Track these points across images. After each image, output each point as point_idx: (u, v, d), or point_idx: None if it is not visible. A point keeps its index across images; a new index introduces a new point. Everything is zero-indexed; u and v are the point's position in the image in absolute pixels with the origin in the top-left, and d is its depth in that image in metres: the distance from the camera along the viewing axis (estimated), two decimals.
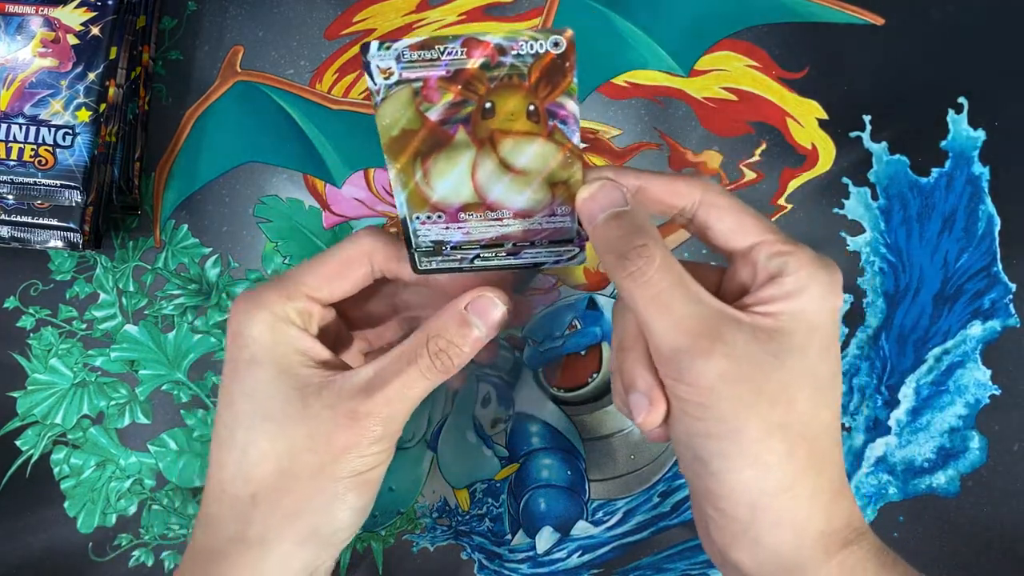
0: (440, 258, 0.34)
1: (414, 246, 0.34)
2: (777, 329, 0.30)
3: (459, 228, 0.33)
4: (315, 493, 0.32)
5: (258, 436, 0.32)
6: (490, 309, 0.33)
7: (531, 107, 0.31)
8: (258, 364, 0.33)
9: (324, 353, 0.34)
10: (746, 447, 0.30)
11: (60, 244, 0.44)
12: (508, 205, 0.32)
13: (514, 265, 0.35)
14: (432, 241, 0.34)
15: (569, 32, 0.29)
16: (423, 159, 0.32)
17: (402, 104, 0.30)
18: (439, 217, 0.33)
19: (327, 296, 0.35)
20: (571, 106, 0.30)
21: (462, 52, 0.30)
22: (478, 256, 0.34)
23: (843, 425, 0.46)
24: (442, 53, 0.30)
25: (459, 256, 0.34)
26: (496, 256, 0.34)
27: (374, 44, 0.29)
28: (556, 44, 0.29)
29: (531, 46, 0.29)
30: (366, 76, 0.30)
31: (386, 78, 0.30)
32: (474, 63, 0.30)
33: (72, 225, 0.44)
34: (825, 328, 0.31)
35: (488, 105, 0.31)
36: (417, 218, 0.33)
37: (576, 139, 0.31)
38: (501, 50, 0.30)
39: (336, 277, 0.35)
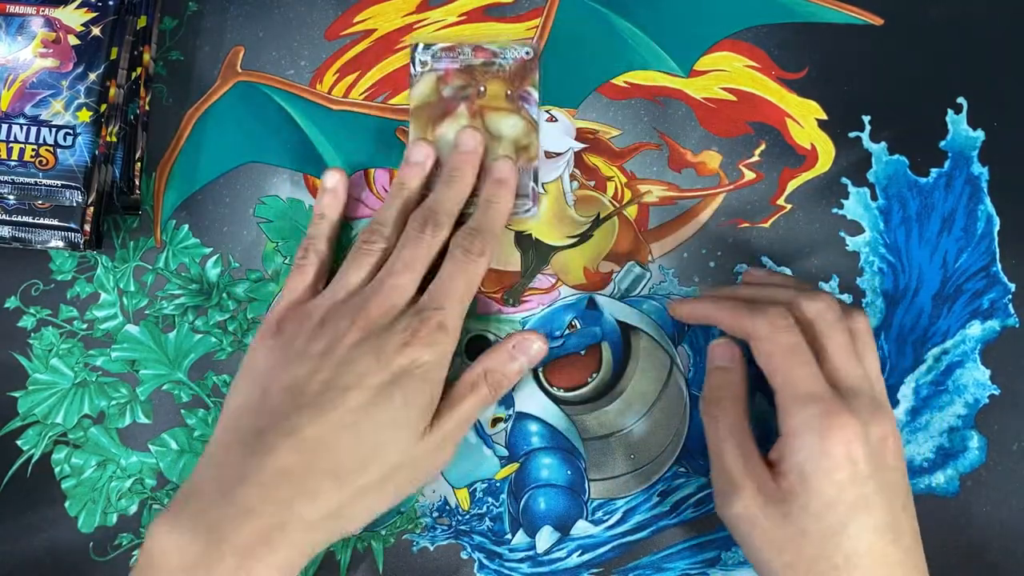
0: None
1: None
2: (788, 491, 0.38)
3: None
4: (387, 504, 0.40)
5: (397, 441, 0.39)
6: (531, 346, 0.43)
7: (508, 92, 0.47)
8: (430, 384, 0.40)
9: None
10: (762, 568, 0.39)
11: (61, 244, 0.45)
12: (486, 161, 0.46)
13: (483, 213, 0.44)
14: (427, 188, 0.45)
15: (540, 45, 0.47)
16: (434, 123, 0.46)
17: (429, 85, 0.47)
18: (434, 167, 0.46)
19: None
20: (534, 93, 0.47)
21: (472, 54, 0.47)
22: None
23: None
24: (460, 54, 0.47)
25: None
26: (471, 205, 0.45)
27: (420, 44, 0.47)
28: (528, 52, 0.47)
29: (514, 52, 0.47)
30: (410, 63, 0.47)
31: (422, 67, 0.47)
32: (478, 62, 0.47)
33: (73, 225, 0.44)
34: (822, 487, 0.37)
35: (482, 89, 0.47)
36: None
37: (535, 115, 0.47)
38: (495, 54, 0.47)
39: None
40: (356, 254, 0.43)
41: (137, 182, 0.47)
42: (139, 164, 0.47)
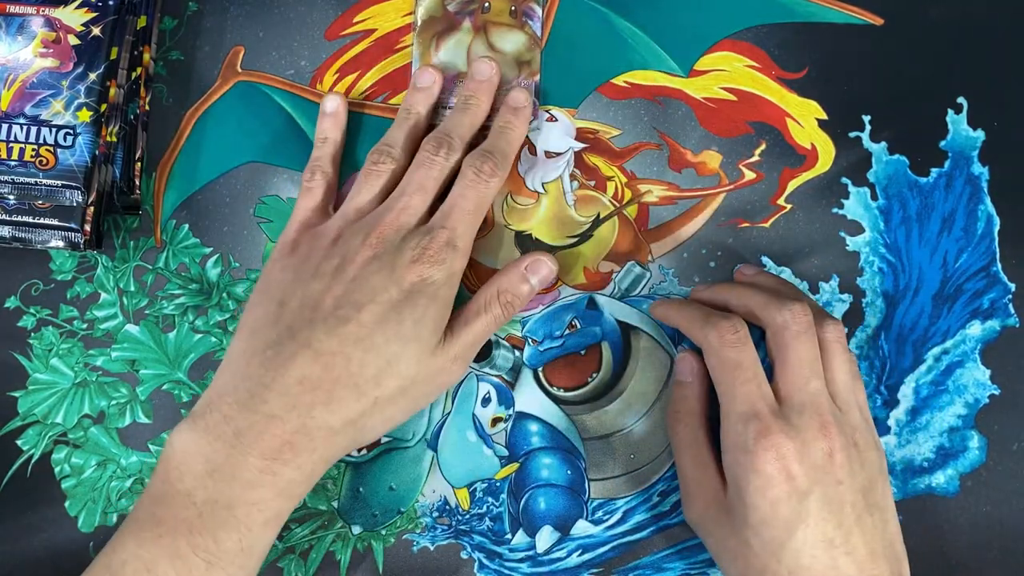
0: (433, 116, 0.46)
1: None
2: (729, 505, 0.40)
3: (451, 92, 0.47)
4: (406, 415, 0.42)
5: (410, 356, 0.40)
6: (542, 268, 0.44)
7: (512, 8, 0.47)
8: (440, 300, 0.40)
9: None
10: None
11: (61, 244, 0.45)
12: None
13: (485, 126, 0.46)
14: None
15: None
16: (438, 38, 0.47)
17: (434, 0, 0.48)
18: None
19: None
20: (537, 10, 0.48)
21: None
22: None
23: None
24: None
25: (447, 115, 0.46)
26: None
27: None
28: None
29: None
30: None
31: None
32: None
33: (73, 225, 0.44)
34: (755, 503, 0.38)
35: (487, 5, 0.47)
36: None
37: (538, 31, 0.47)
38: None
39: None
40: (366, 175, 0.44)
41: (137, 182, 0.47)
42: (139, 164, 0.47)
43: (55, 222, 0.44)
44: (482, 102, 0.45)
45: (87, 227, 0.44)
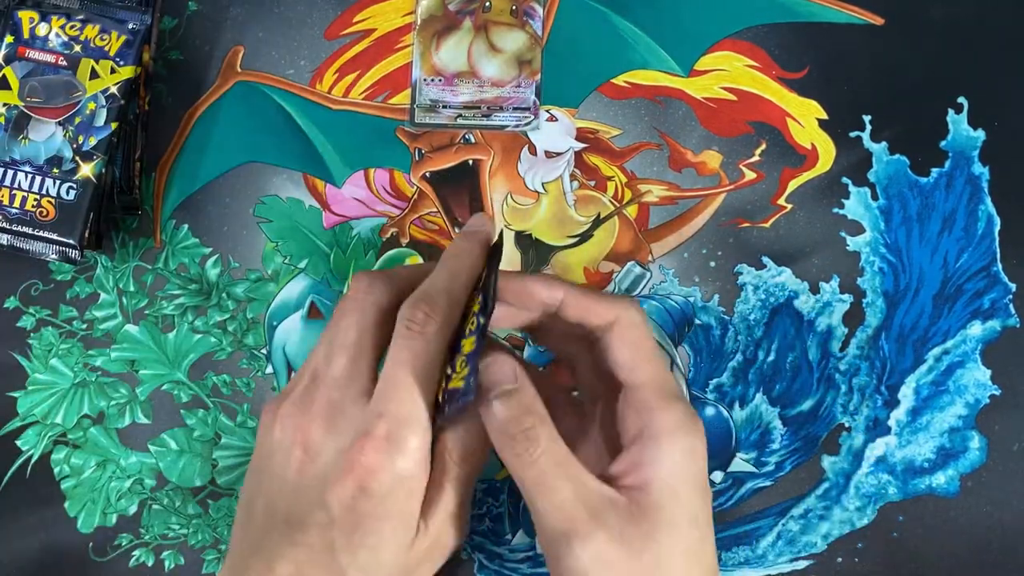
0: (433, 114, 0.47)
1: (417, 102, 0.47)
2: (649, 505, 0.31)
3: (452, 91, 0.47)
4: None
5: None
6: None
7: (513, 8, 0.48)
8: (388, 519, 0.32)
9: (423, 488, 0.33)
10: None
11: (55, 257, 0.44)
12: (489, 74, 0.47)
13: (485, 126, 0.47)
14: (431, 100, 0.47)
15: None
16: (439, 37, 0.47)
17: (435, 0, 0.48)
18: (439, 80, 0.47)
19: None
20: (539, 8, 0.48)
21: None
22: (460, 115, 0.47)
23: (843, 425, 0.46)
24: None
25: (447, 114, 0.47)
26: (474, 117, 0.47)
27: None
28: None
29: None
30: None
31: None
32: None
33: (71, 241, 0.44)
34: (691, 497, 0.32)
35: (488, 4, 0.48)
36: (424, 80, 0.47)
37: (539, 30, 0.47)
38: None
39: None
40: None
41: (137, 182, 0.47)
42: (139, 164, 0.47)
43: (54, 236, 0.44)
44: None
45: (84, 243, 0.44)
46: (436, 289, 0.34)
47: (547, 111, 0.48)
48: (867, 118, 0.48)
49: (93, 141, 0.44)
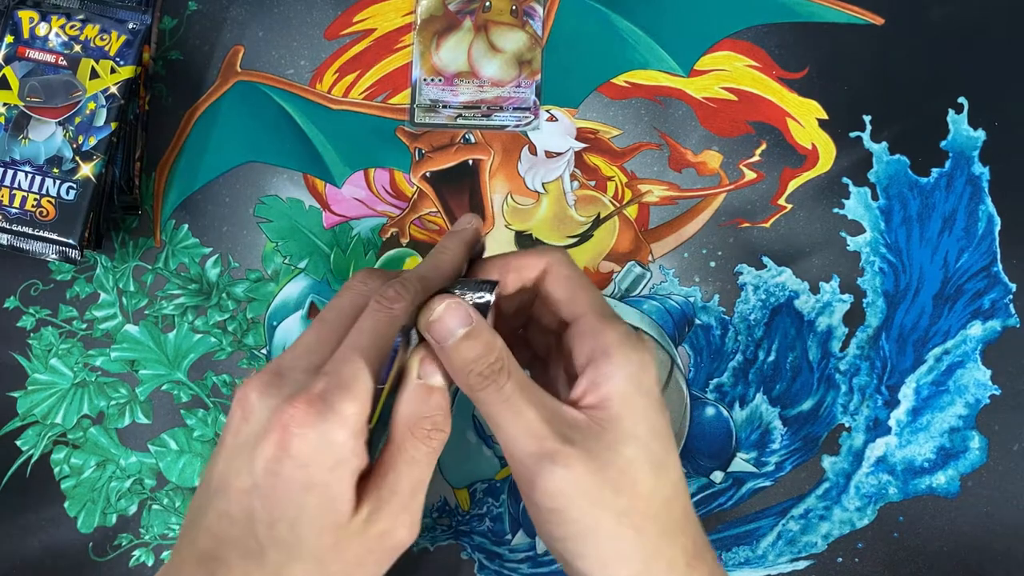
0: (433, 114, 0.47)
1: (417, 102, 0.48)
2: (609, 419, 0.32)
3: (452, 91, 0.47)
4: None
5: (296, 570, 0.31)
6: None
7: (513, 8, 0.48)
8: (310, 489, 0.31)
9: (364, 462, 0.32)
10: (601, 544, 0.32)
11: (55, 257, 0.44)
12: (489, 74, 0.47)
13: (485, 126, 0.47)
14: (431, 100, 0.47)
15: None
16: (439, 37, 0.48)
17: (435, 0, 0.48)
18: (439, 80, 0.47)
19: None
20: (539, 9, 0.48)
21: None
22: (460, 115, 0.48)
23: (843, 425, 0.46)
24: None
25: (447, 114, 0.47)
26: (474, 117, 0.47)
27: None
28: None
29: None
30: None
31: None
32: None
33: (71, 241, 0.44)
34: (647, 407, 0.33)
35: (488, 3, 0.48)
36: (424, 80, 0.47)
37: (539, 30, 0.48)
38: None
39: None
40: None
41: (137, 182, 0.47)
42: (139, 164, 0.47)
43: (54, 236, 0.44)
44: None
45: (84, 243, 0.44)
46: (414, 275, 0.34)
47: (547, 111, 0.48)
48: (867, 118, 0.48)
49: (93, 141, 0.44)
